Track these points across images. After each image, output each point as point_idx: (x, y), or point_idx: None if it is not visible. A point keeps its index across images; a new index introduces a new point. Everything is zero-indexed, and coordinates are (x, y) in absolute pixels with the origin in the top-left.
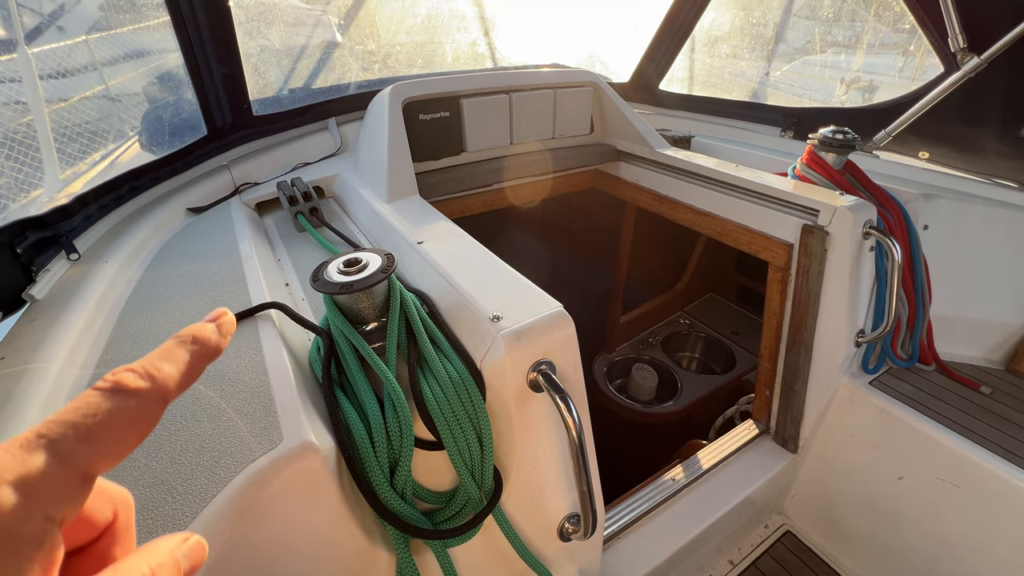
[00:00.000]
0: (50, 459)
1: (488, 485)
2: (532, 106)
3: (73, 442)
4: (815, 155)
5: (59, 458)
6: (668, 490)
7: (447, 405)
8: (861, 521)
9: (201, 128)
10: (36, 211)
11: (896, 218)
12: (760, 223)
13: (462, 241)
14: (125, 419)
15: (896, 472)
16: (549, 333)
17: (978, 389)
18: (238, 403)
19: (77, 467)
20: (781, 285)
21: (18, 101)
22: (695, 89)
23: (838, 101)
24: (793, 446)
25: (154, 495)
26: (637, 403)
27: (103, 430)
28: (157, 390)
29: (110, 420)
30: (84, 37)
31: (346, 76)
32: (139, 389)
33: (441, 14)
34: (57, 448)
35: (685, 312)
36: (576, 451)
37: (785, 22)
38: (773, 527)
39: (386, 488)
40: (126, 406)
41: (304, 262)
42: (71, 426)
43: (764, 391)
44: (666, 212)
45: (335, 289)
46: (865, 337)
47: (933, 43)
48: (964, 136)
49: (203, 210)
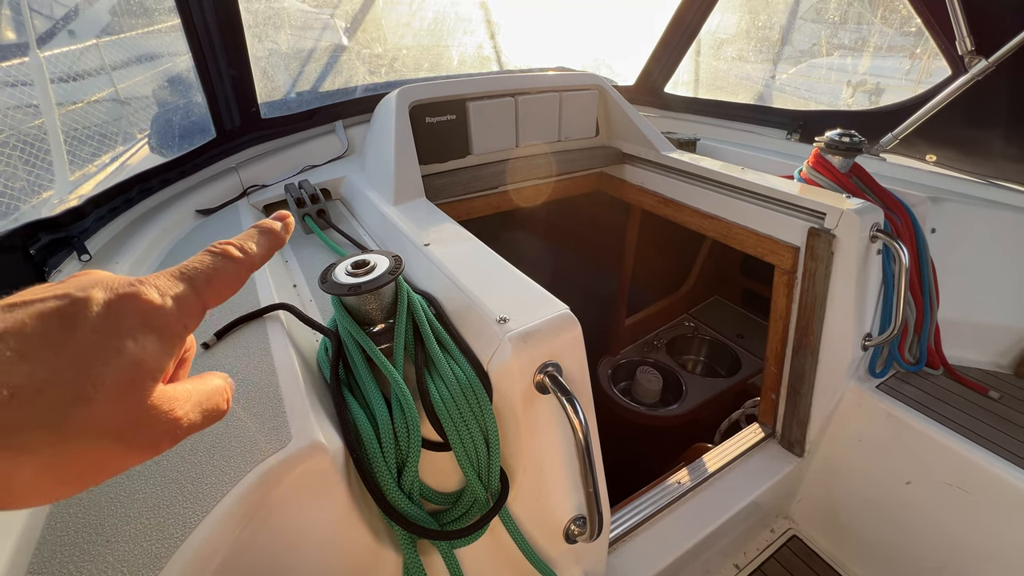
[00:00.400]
0: (188, 288)
1: (495, 486)
2: (537, 109)
3: (202, 282)
4: (821, 158)
5: (193, 289)
6: (673, 493)
7: (454, 406)
8: (868, 526)
9: (210, 131)
10: (47, 213)
11: (903, 221)
12: (766, 226)
13: (468, 243)
14: (227, 275)
15: (903, 477)
16: (556, 335)
17: (986, 394)
18: (247, 403)
19: (201, 299)
20: (787, 288)
21: (29, 104)
22: (701, 92)
23: (844, 104)
24: (799, 450)
25: (165, 493)
26: (642, 406)
27: (217, 278)
28: (248, 260)
29: (221, 273)
30: (95, 41)
31: (353, 79)
32: (238, 257)
33: (447, 18)
34: (193, 283)
35: (690, 315)
36: (582, 453)
37: (791, 25)
38: (779, 531)
39: (394, 488)
40: (229, 267)
41: (311, 264)
42: (200, 271)
43: (770, 394)
44: (671, 215)
45: (343, 291)
46: (872, 341)
47: (940, 46)
48: (972, 139)
49: (212, 212)
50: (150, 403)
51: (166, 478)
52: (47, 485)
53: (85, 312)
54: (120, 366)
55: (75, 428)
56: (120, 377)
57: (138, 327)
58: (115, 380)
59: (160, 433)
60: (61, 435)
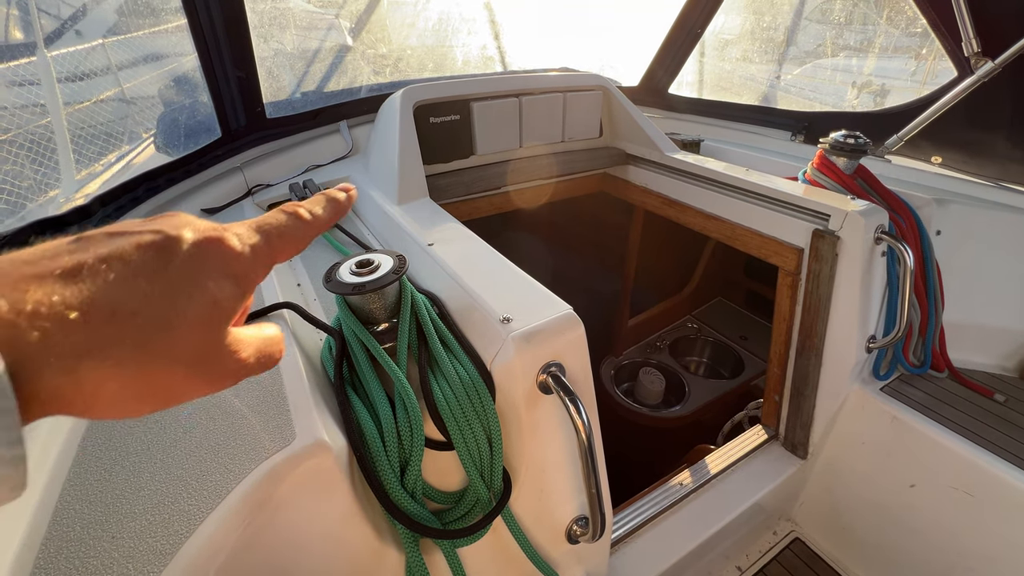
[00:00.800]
0: (263, 241)
1: (497, 486)
2: (541, 109)
3: (275, 236)
4: (826, 159)
5: (267, 243)
6: (676, 494)
7: (457, 406)
8: (871, 529)
9: (215, 130)
10: (54, 211)
11: (908, 223)
12: (770, 227)
13: (472, 243)
14: (296, 234)
15: (907, 480)
16: (559, 335)
17: (992, 397)
18: (252, 401)
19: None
20: (791, 290)
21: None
22: (705, 93)
23: (849, 105)
24: (802, 452)
25: (170, 490)
26: (644, 407)
27: (288, 235)
28: (315, 223)
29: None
30: (101, 41)
31: (358, 79)
32: (306, 219)
33: (451, 18)
34: (267, 236)
35: (693, 316)
36: (585, 453)
37: (796, 26)
38: (781, 533)
39: (397, 487)
40: (299, 226)
41: (315, 263)
42: (273, 227)
43: (773, 396)
44: (675, 216)
45: (347, 290)
46: (876, 343)
47: (947, 47)
48: (977, 141)
49: (217, 211)
50: (222, 341)
51: (171, 475)
52: (126, 400)
53: (176, 249)
54: (201, 303)
55: (159, 351)
56: (200, 313)
57: (219, 270)
58: (195, 315)
59: (225, 370)
60: (147, 355)
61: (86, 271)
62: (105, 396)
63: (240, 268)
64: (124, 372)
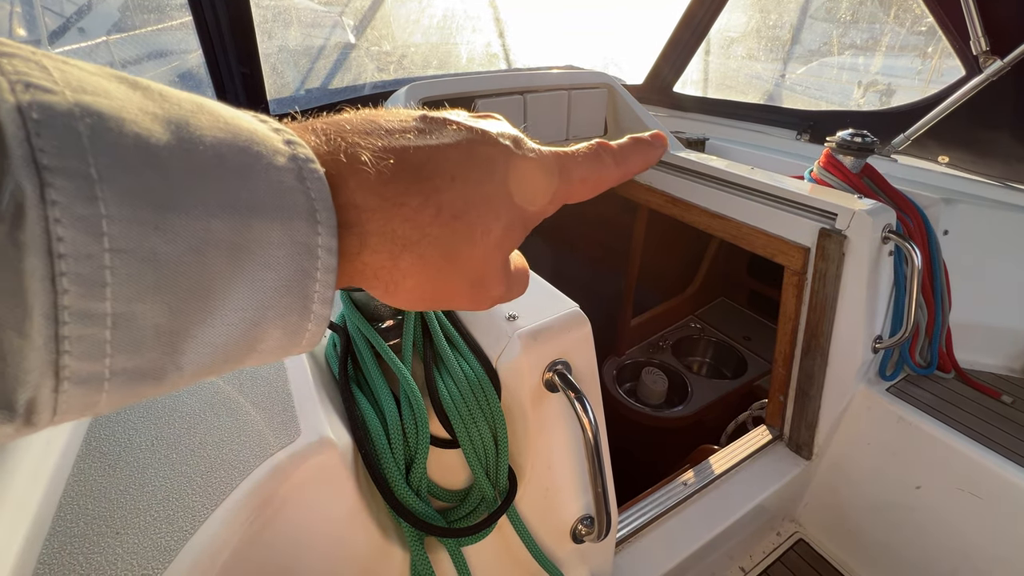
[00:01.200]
0: (566, 178)
1: (503, 485)
2: (546, 107)
3: (577, 178)
4: (833, 158)
5: (568, 181)
6: (680, 495)
7: (463, 403)
8: (876, 530)
9: None
10: None
11: (916, 223)
12: (776, 226)
13: None
14: (597, 180)
15: (913, 481)
16: (565, 333)
17: (999, 398)
18: (256, 398)
19: (571, 192)
20: (797, 289)
21: None
22: (710, 91)
23: (855, 104)
24: (807, 453)
25: (175, 486)
26: (647, 407)
27: (590, 179)
28: (621, 172)
29: (594, 175)
30: (105, 38)
31: (362, 76)
32: (611, 168)
33: (456, 15)
34: (570, 175)
35: (696, 316)
36: (591, 452)
37: (801, 24)
38: (786, 535)
39: (402, 485)
40: (602, 174)
41: None
42: (580, 165)
43: (778, 396)
44: (679, 214)
45: None
46: (883, 343)
47: (954, 46)
48: (985, 140)
49: None
50: (503, 269)
51: (175, 471)
52: (415, 296)
53: (508, 163)
54: (504, 225)
55: (459, 263)
56: (499, 236)
57: (529, 196)
58: (496, 237)
59: (490, 295)
60: (450, 264)
61: (426, 158)
62: (404, 288)
63: (543, 201)
64: (425, 272)
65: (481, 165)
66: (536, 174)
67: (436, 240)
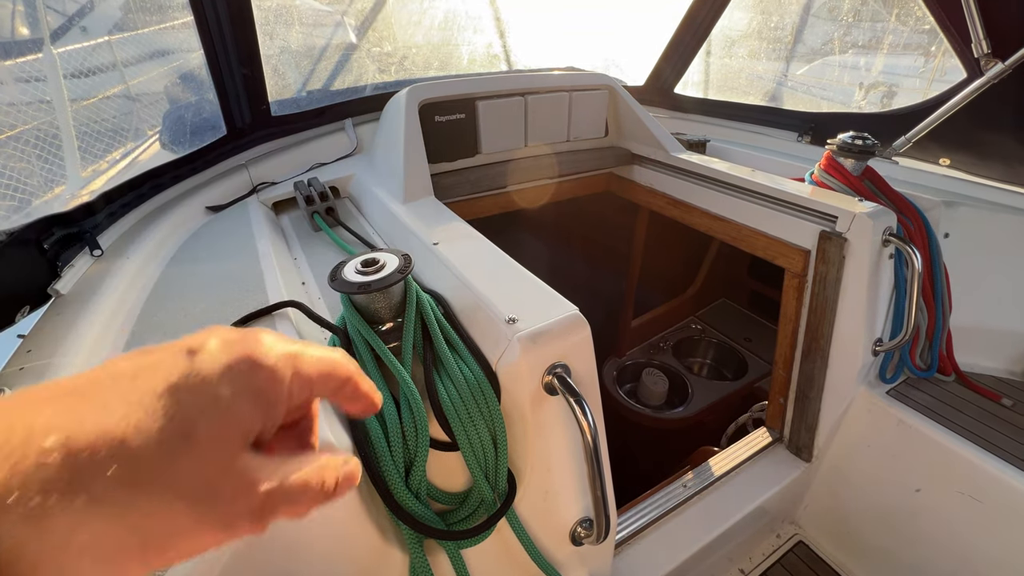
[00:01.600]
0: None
1: (502, 487)
2: (547, 109)
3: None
4: (834, 160)
5: (303, 370)
6: (679, 496)
7: (462, 406)
8: (876, 533)
9: (221, 128)
10: (59, 208)
11: (916, 225)
12: (777, 229)
13: (477, 243)
14: (348, 392)
15: (913, 484)
16: (565, 336)
17: (999, 401)
18: None
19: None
20: (797, 292)
21: (42, 100)
22: (711, 93)
23: (856, 106)
24: (807, 455)
25: None
26: (647, 408)
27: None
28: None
29: (336, 378)
30: (107, 37)
31: (363, 78)
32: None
33: (457, 16)
34: (308, 367)
35: (697, 317)
36: (591, 455)
37: (803, 25)
38: (785, 537)
39: (401, 488)
40: (342, 384)
41: (320, 261)
42: (319, 360)
43: (778, 398)
44: (680, 216)
45: (353, 289)
46: (883, 346)
47: (956, 48)
48: (986, 143)
49: (221, 209)
50: (237, 466)
51: None
52: (103, 559)
53: (194, 355)
54: (213, 416)
55: (152, 481)
56: (211, 429)
57: (242, 382)
58: (206, 432)
59: (242, 507)
60: (136, 489)
61: (68, 393)
62: (72, 553)
63: (266, 384)
64: (101, 515)
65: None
66: (248, 358)
67: (92, 471)
